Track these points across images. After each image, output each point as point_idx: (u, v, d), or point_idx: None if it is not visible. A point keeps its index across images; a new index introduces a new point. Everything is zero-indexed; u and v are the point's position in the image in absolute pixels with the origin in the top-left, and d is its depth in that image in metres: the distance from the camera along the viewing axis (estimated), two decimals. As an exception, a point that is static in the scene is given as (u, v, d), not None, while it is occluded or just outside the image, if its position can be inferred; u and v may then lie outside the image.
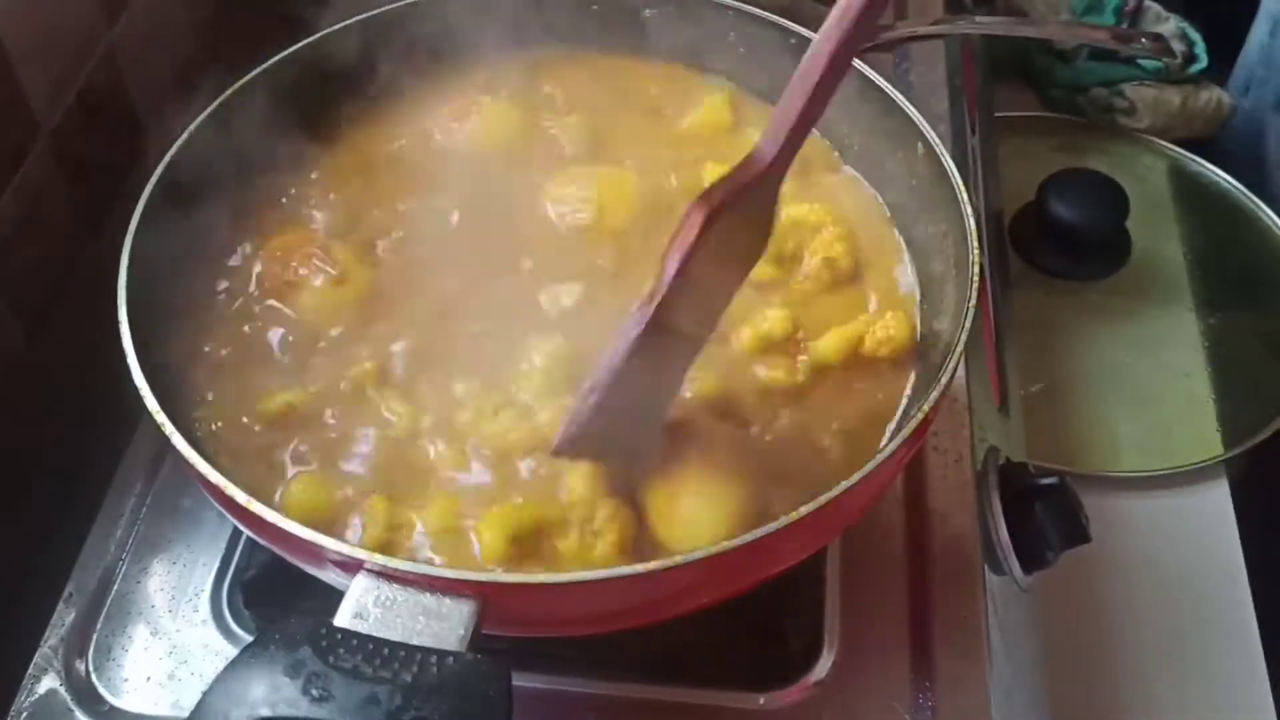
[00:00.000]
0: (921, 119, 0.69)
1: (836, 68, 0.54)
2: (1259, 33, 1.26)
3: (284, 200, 0.73)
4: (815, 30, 0.54)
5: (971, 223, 0.63)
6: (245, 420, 0.64)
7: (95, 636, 0.68)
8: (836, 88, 0.55)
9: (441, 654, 0.49)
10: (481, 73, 0.79)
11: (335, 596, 0.51)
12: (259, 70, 0.71)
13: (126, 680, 0.66)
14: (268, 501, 0.54)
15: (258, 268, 0.70)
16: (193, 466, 0.55)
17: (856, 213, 0.74)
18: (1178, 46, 1.17)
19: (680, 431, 0.62)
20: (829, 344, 0.67)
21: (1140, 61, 1.19)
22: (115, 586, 0.70)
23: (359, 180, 0.75)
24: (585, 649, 0.66)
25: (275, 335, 0.67)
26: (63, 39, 0.82)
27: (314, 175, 0.75)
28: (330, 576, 0.55)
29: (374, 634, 0.49)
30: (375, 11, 0.76)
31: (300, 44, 0.73)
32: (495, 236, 0.71)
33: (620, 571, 0.51)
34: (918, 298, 0.70)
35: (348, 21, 0.75)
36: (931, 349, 0.67)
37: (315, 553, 0.53)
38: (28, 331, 0.81)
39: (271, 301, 0.68)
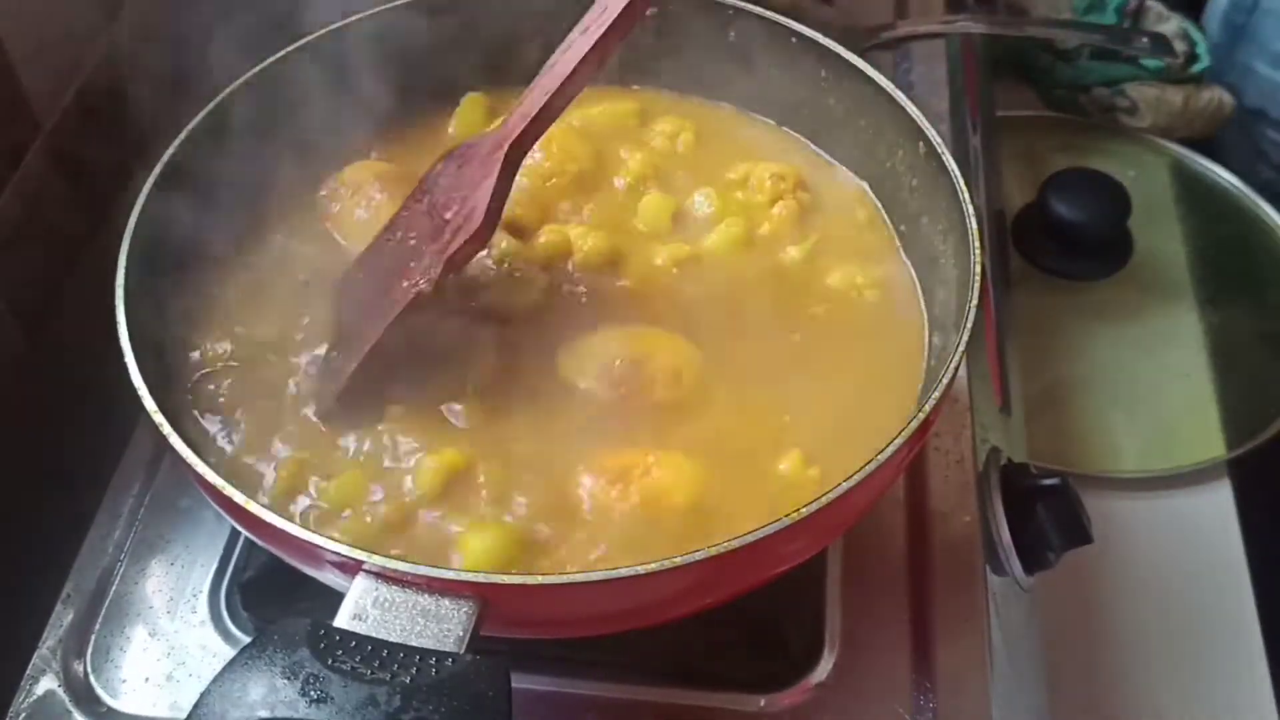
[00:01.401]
0: (923, 118, 0.68)
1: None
2: None
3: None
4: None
5: (973, 222, 0.63)
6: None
7: (93, 637, 0.68)
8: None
9: (440, 655, 0.49)
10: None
11: (334, 597, 0.51)
12: (256, 70, 0.71)
13: (124, 681, 0.66)
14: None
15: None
16: (190, 467, 0.55)
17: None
18: (1179, 46, 1.17)
19: None
20: None
21: (1142, 61, 1.18)
22: (113, 587, 0.70)
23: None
24: (585, 650, 0.65)
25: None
26: (63, 39, 0.82)
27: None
28: (328, 577, 0.55)
29: (373, 635, 0.49)
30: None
31: (290, 47, 0.73)
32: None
33: (620, 572, 0.51)
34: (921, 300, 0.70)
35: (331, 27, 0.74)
36: (933, 351, 0.67)
37: (313, 554, 0.53)
38: (28, 331, 0.81)
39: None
